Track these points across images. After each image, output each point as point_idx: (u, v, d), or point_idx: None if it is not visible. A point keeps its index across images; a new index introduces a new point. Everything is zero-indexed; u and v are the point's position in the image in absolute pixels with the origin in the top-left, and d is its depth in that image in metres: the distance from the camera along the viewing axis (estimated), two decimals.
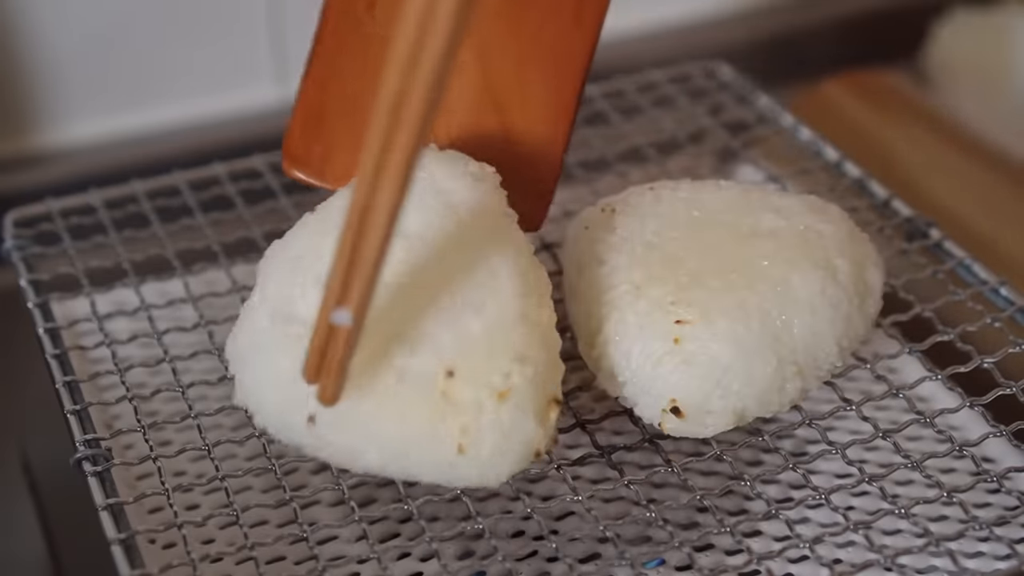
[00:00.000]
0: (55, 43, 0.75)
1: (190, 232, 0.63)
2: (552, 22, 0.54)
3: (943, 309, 0.57)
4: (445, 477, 0.47)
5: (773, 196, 0.56)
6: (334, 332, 0.44)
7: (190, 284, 0.60)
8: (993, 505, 0.53)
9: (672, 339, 0.49)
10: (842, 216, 0.55)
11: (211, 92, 0.79)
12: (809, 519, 0.53)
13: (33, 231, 0.62)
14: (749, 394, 0.49)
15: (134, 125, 0.78)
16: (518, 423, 0.46)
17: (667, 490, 0.54)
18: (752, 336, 0.49)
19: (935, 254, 0.60)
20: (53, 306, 0.58)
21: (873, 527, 0.50)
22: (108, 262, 0.61)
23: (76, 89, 0.76)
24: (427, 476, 0.47)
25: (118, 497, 0.49)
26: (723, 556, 0.51)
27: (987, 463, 0.54)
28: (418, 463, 0.46)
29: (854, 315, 0.52)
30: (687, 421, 0.50)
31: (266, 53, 0.79)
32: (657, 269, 0.51)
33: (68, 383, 0.54)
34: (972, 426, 0.56)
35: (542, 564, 0.52)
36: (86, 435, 0.51)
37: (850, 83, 0.79)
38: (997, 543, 0.50)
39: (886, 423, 0.54)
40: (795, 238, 0.53)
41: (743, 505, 0.53)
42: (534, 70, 0.54)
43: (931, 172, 0.73)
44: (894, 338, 0.57)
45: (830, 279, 0.52)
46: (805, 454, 0.54)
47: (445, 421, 0.45)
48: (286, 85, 0.80)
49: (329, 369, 0.45)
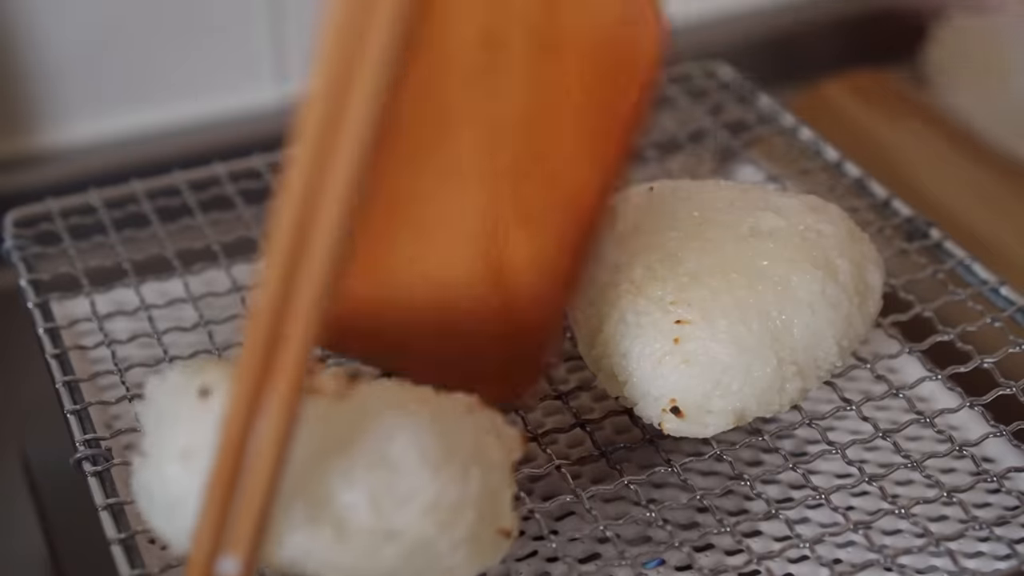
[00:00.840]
0: (55, 43, 0.75)
1: (190, 232, 0.62)
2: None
3: (943, 309, 0.57)
4: None
5: (773, 196, 0.55)
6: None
7: (190, 284, 0.60)
8: (993, 505, 0.53)
9: (672, 339, 0.49)
10: (842, 216, 0.55)
11: (211, 92, 0.79)
12: (809, 519, 0.53)
13: (33, 231, 0.62)
14: (749, 394, 0.49)
15: (134, 125, 0.78)
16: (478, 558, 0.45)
17: (667, 490, 0.54)
18: (752, 336, 0.49)
19: (935, 254, 0.60)
20: (53, 306, 0.58)
21: (873, 527, 0.49)
22: (108, 262, 0.61)
23: (76, 89, 0.76)
24: None
25: (118, 497, 0.49)
26: (723, 556, 0.51)
27: (987, 463, 0.54)
28: None
29: (854, 315, 0.52)
30: (687, 421, 0.50)
31: (266, 53, 0.79)
32: (657, 268, 0.51)
33: (68, 383, 0.54)
34: (972, 426, 0.56)
35: (542, 564, 0.52)
36: (86, 435, 0.51)
37: (850, 83, 0.79)
38: (997, 543, 0.50)
39: (886, 423, 0.54)
40: (795, 238, 0.53)
41: (743, 505, 0.53)
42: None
43: (931, 172, 0.73)
44: (894, 338, 0.57)
45: (830, 279, 0.52)
46: (805, 454, 0.54)
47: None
48: (286, 85, 0.80)
49: None
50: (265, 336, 0.35)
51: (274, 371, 0.35)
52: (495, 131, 0.48)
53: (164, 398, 0.43)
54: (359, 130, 0.34)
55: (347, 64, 0.34)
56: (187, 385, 0.42)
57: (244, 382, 0.35)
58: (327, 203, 0.34)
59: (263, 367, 0.35)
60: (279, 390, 0.35)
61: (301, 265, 0.35)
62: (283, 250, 0.35)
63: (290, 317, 0.35)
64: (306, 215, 0.35)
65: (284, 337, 0.35)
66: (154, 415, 0.43)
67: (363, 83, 0.33)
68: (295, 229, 0.35)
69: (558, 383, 0.55)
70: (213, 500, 0.36)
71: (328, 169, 0.34)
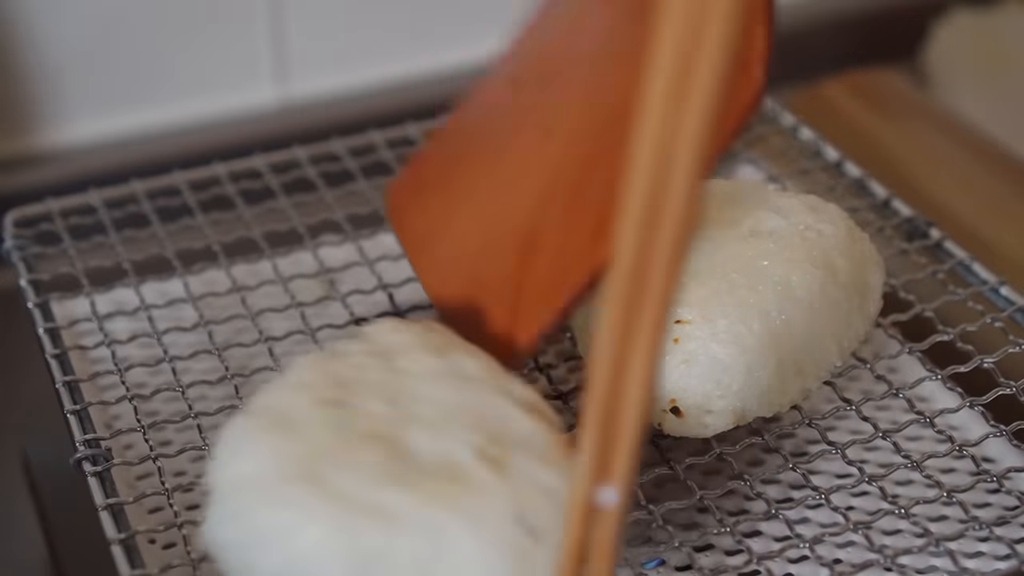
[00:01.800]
0: (55, 43, 0.75)
1: (190, 232, 0.62)
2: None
3: (943, 309, 0.57)
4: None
5: (773, 196, 0.55)
6: (594, 516, 0.39)
7: (190, 284, 0.60)
8: (993, 505, 0.53)
9: (672, 338, 0.49)
10: (842, 216, 0.55)
11: (211, 92, 0.79)
12: (809, 519, 0.53)
13: (33, 231, 0.62)
14: (749, 394, 0.49)
15: (134, 125, 0.78)
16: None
17: (667, 490, 0.54)
18: (752, 336, 0.49)
19: (935, 254, 0.60)
20: (53, 306, 0.58)
21: (873, 527, 0.49)
22: (108, 262, 0.61)
23: (76, 89, 0.76)
24: None
25: (118, 497, 0.49)
26: (723, 556, 0.51)
27: (987, 463, 0.54)
28: None
29: (854, 315, 0.52)
30: (687, 421, 0.50)
31: (266, 53, 0.79)
32: None
33: (68, 383, 0.54)
34: (972, 426, 0.56)
35: None
36: (86, 435, 0.51)
37: (850, 83, 0.79)
38: (997, 543, 0.50)
39: (886, 423, 0.54)
40: (795, 238, 0.53)
41: (743, 505, 0.53)
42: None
43: (931, 172, 0.73)
44: (894, 338, 0.57)
45: (830, 279, 0.52)
46: (805, 454, 0.54)
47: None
48: (286, 85, 0.80)
49: (601, 554, 0.39)
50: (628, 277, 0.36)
51: (640, 308, 0.36)
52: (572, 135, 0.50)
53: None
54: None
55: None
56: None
57: (613, 314, 0.37)
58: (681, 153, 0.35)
59: (628, 306, 0.36)
60: (645, 326, 0.37)
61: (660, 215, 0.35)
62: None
63: (654, 260, 0.36)
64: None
65: (646, 280, 0.36)
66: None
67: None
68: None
69: (558, 383, 0.55)
70: (593, 431, 0.38)
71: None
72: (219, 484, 0.43)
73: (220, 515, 0.42)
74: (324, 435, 0.43)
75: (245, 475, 0.42)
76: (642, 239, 0.35)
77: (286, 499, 0.41)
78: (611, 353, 0.37)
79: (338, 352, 0.46)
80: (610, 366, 0.37)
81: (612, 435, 0.38)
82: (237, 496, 0.42)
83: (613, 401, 0.37)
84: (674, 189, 0.34)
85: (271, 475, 0.42)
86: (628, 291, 0.36)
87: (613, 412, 0.37)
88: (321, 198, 0.64)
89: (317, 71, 0.80)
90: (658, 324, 0.36)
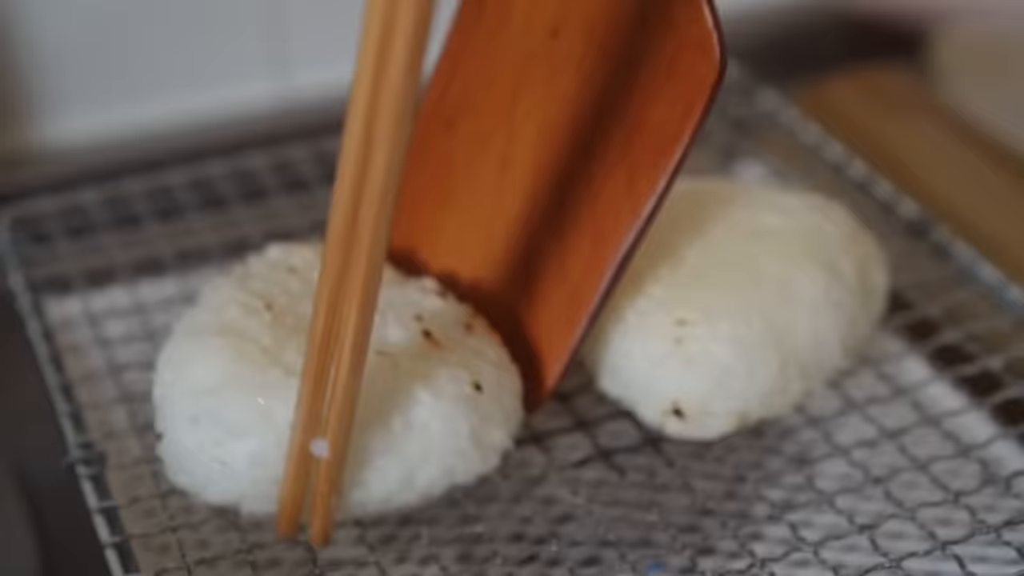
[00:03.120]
0: (50, 41, 0.74)
1: (185, 231, 0.62)
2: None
3: (949, 309, 0.57)
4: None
5: (777, 195, 0.55)
6: (311, 470, 0.43)
7: (184, 284, 0.59)
8: (1000, 508, 0.53)
9: (673, 339, 0.49)
10: (846, 215, 0.55)
11: (207, 90, 0.79)
12: (813, 522, 0.52)
13: (27, 230, 0.62)
14: (751, 395, 0.49)
15: (129, 124, 0.77)
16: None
17: (669, 493, 0.53)
18: (754, 336, 0.49)
19: (941, 253, 0.60)
20: (47, 306, 0.58)
21: (878, 530, 0.49)
22: (102, 262, 0.61)
23: (71, 88, 0.76)
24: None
25: (112, 500, 0.49)
26: (725, 560, 0.51)
27: (994, 465, 0.54)
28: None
29: (858, 315, 0.52)
30: (689, 423, 0.49)
31: (263, 51, 0.79)
32: (658, 268, 0.51)
33: (62, 385, 0.53)
34: (979, 428, 0.55)
35: (543, 568, 0.51)
36: (80, 437, 0.51)
37: (855, 81, 0.79)
38: (1005, 547, 0.50)
39: (891, 425, 0.53)
40: (798, 237, 0.52)
41: (746, 508, 0.53)
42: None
43: (937, 170, 0.73)
44: (899, 338, 0.57)
45: (834, 279, 0.51)
46: (809, 456, 0.54)
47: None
48: (283, 83, 0.80)
49: (316, 510, 0.44)
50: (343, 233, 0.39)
51: (351, 266, 0.39)
52: (546, 127, 0.49)
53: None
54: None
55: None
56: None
57: (328, 278, 0.39)
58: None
59: (343, 265, 0.39)
60: (356, 284, 0.40)
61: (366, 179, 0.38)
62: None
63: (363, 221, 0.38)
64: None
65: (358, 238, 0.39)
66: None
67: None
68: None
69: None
70: (307, 390, 0.41)
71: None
72: (181, 391, 0.46)
73: (189, 418, 0.46)
74: (265, 334, 0.47)
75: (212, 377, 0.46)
76: (354, 199, 0.38)
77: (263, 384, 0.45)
78: (325, 315, 0.40)
79: (251, 273, 0.50)
80: (323, 329, 0.40)
81: (324, 391, 0.41)
82: (208, 396, 0.45)
83: (326, 358, 0.41)
84: (377, 145, 0.37)
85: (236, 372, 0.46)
86: (341, 256, 0.39)
87: (326, 368, 0.41)
88: (318, 196, 0.64)
89: (315, 68, 0.79)
90: (367, 287, 0.39)
